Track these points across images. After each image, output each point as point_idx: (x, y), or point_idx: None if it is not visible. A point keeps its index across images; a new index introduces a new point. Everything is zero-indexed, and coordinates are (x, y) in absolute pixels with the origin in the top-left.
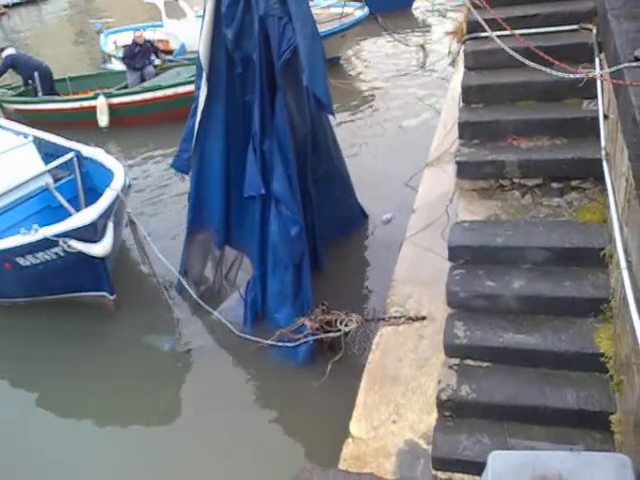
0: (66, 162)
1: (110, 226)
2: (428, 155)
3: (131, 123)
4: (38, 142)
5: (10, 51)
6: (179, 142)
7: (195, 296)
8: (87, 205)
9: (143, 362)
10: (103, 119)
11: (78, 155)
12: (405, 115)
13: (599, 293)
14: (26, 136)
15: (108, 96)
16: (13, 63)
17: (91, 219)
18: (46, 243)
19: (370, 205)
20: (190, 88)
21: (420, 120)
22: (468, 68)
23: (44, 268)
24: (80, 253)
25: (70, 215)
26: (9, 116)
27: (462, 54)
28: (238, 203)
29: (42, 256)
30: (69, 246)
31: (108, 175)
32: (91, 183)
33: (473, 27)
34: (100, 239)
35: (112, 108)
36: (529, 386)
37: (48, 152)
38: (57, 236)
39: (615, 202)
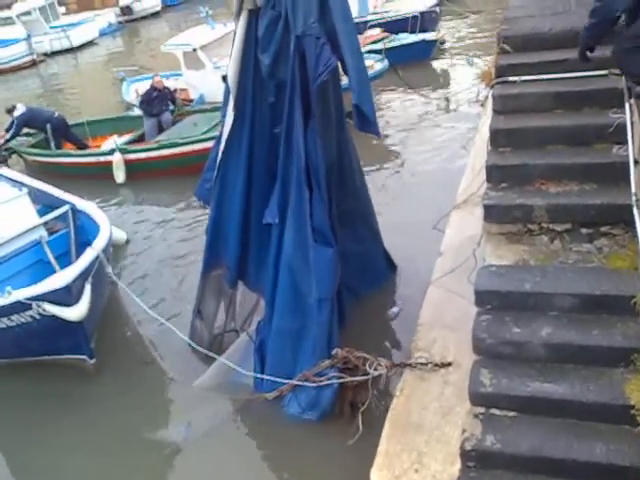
0: (61, 215)
1: (88, 288)
2: (455, 199)
3: (148, 177)
4: (34, 193)
5: (20, 110)
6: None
7: (197, 346)
8: None
9: (129, 429)
10: (120, 175)
11: (73, 208)
12: (430, 160)
13: (630, 343)
14: (21, 188)
15: (124, 152)
16: (26, 122)
17: (65, 282)
18: (20, 306)
19: (397, 251)
20: (207, 145)
21: (446, 165)
22: (496, 112)
23: (20, 330)
24: (55, 316)
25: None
26: (30, 166)
27: (490, 98)
28: (258, 239)
29: (17, 319)
30: (43, 309)
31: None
32: (85, 237)
33: (502, 71)
34: (76, 302)
35: (129, 164)
36: (556, 438)
37: (45, 203)
38: (30, 299)
39: None
